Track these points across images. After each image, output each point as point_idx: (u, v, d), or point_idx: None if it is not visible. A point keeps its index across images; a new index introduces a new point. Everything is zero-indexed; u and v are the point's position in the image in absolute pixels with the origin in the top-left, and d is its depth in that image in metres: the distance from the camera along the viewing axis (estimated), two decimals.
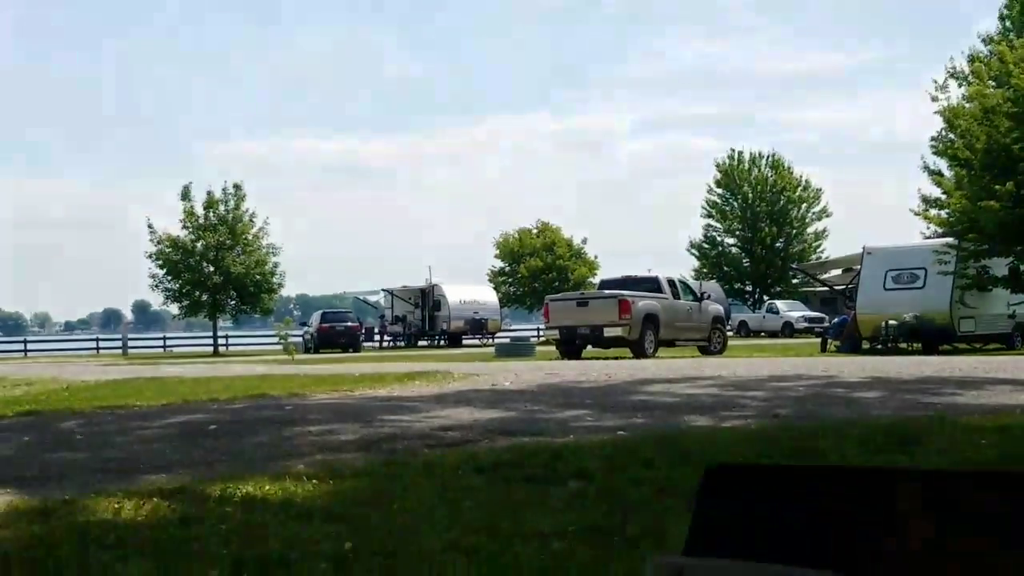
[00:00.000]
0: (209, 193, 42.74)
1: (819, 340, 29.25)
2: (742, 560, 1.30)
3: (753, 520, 1.33)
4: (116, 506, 4.81)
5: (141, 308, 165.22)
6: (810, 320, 45.25)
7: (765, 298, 55.01)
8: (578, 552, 3.83)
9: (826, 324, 36.12)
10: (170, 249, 42.10)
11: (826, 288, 36.43)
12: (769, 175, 57.56)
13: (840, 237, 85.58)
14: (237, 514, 4.63)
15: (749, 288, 57.97)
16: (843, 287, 30.56)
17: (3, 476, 6.07)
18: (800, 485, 1.36)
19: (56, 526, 4.44)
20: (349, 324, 42.74)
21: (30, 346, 54.38)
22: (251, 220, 42.99)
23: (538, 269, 55.04)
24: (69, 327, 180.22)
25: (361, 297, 60.85)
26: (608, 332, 22.93)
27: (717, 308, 26.48)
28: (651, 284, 24.95)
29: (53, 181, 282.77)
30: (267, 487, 5.24)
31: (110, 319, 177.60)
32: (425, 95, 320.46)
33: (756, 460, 5.79)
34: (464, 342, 46.85)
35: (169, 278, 42.62)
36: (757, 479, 1.41)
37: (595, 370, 15.85)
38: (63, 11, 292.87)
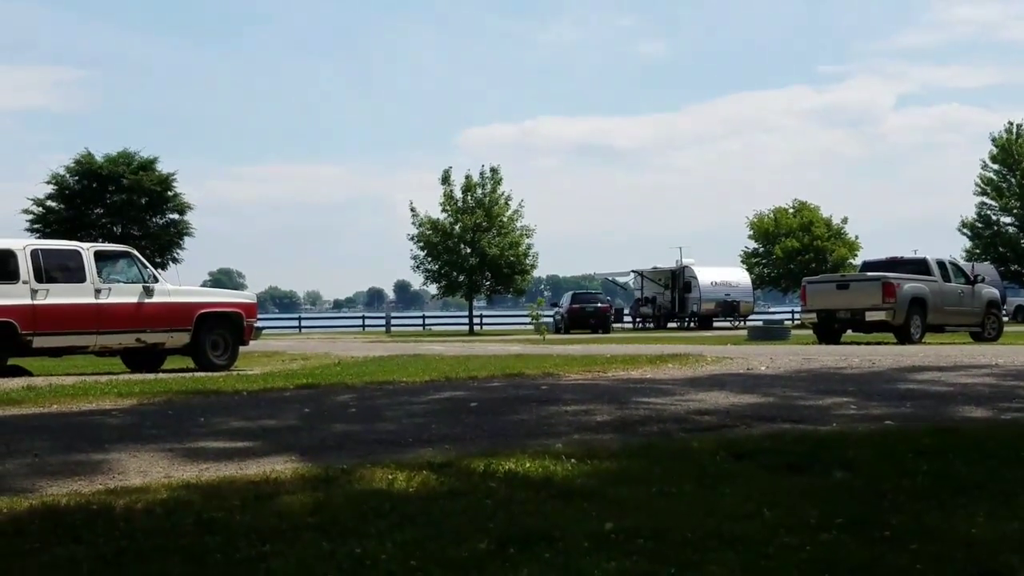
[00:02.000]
0: (467, 177, 44.16)
1: None
2: None
3: None
4: (390, 477, 5.07)
5: (402, 288, 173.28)
6: None
7: None
8: (846, 544, 3.69)
9: None
10: (430, 231, 43.83)
11: None
12: None
13: None
14: (501, 489, 4.77)
15: None
16: None
17: (289, 444, 6.54)
18: None
19: (336, 493, 4.74)
20: (599, 305, 43.05)
21: (304, 322, 58.46)
22: (506, 203, 44.07)
23: (794, 250, 53.25)
24: (337, 305, 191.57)
25: (611, 278, 61.13)
26: (870, 316, 21.89)
27: (992, 292, 24.70)
28: (919, 266, 23.57)
29: (323, 167, 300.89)
30: (528, 464, 5.37)
31: (374, 298, 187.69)
32: (675, 74, 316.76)
33: None
34: (715, 324, 46.11)
35: (429, 259, 44.41)
36: None
37: (856, 356, 15.19)
38: (329, 9, 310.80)
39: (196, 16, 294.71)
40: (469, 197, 43.94)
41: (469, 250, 43.63)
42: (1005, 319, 28.63)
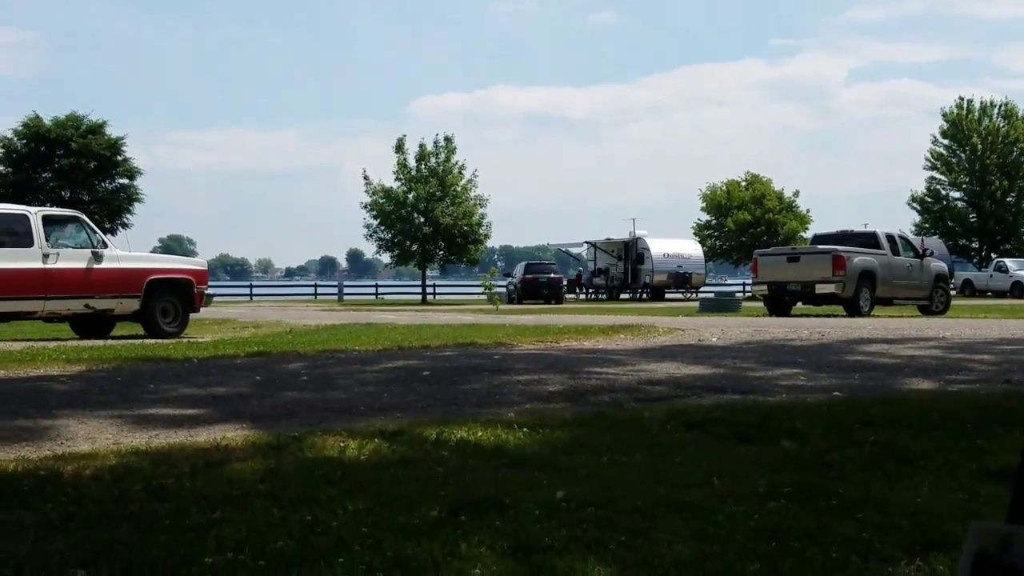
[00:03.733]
0: (421, 146, 43.92)
1: None
2: None
3: None
4: (341, 445, 5.06)
5: (355, 256, 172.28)
6: None
7: (993, 256, 51.70)
8: (794, 512, 3.74)
9: None
10: (383, 200, 43.59)
11: None
12: (1001, 125, 53.88)
13: None
14: (452, 458, 4.78)
15: (975, 245, 54.76)
16: None
17: (240, 412, 6.49)
18: None
19: (287, 461, 4.72)
20: (552, 275, 43.17)
21: (255, 290, 57.96)
22: (460, 172, 43.93)
23: (746, 223, 53.74)
24: (289, 273, 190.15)
25: (564, 249, 61.29)
26: (820, 289, 22.17)
27: (940, 265, 25.11)
28: (868, 239, 23.88)
29: (275, 134, 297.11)
30: (480, 433, 5.38)
31: (326, 266, 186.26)
32: (628, 45, 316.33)
33: (984, 427, 5.48)
34: (667, 296, 46.45)
35: (382, 228, 44.19)
36: None
37: (806, 328, 15.38)
38: None
39: None
40: (423, 166, 43.73)
41: (422, 219, 43.46)
42: (953, 293, 29.13)
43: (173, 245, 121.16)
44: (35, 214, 14.77)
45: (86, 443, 5.40)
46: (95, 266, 14.91)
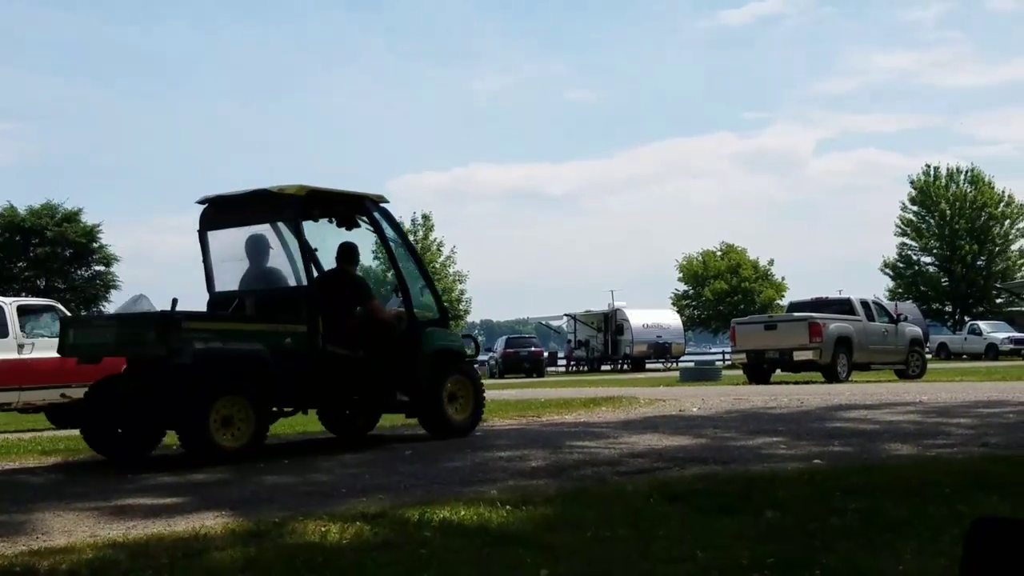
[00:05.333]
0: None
1: None
2: None
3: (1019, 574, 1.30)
4: (322, 529, 5.01)
5: None
6: (1016, 342, 42.54)
7: (966, 319, 52.18)
8: None
9: None
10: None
11: None
12: (968, 191, 54.80)
13: None
14: (435, 539, 4.74)
15: (948, 309, 55.24)
16: None
17: (219, 499, 6.41)
18: None
19: (267, 548, 4.67)
20: (533, 349, 43.18)
21: None
22: (439, 248, 44.20)
23: (723, 292, 54.15)
24: None
25: (544, 322, 61.43)
26: (798, 356, 22.29)
27: (915, 330, 25.31)
28: (843, 306, 24.10)
29: None
30: (462, 512, 5.35)
31: None
32: (604, 121, 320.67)
33: (963, 492, 5.50)
34: (647, 366, 46.50)
35: None
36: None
37: (785, 395, 15.42)
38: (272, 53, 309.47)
39: (121, 65, 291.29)
40: None
41: None
42: (928, 356, 29.31)
43: None
44: (10, 304, 14.71)
45: (62, 537, 5.32)
46: None
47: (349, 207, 9.92)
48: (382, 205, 9.97)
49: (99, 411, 8.81)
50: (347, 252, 9.75)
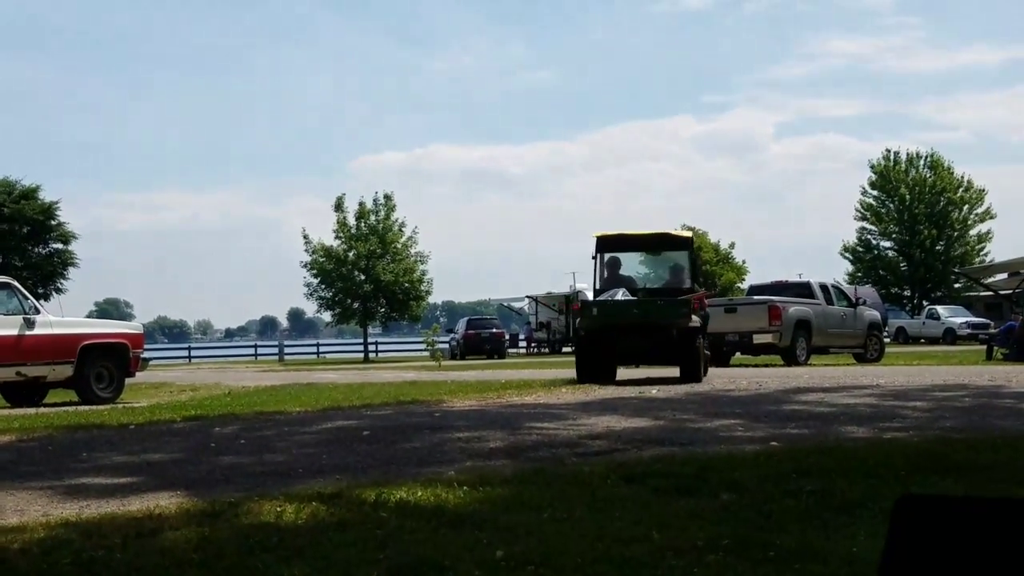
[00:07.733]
0: (361, 204, 43.90)
1: (984, 347, 27.87)
2: None
3: (945, 552, 1.29)
4: (278, 509, 4.98)
5: (296, 315, 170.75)
6: (974, 326, 43.13)
7: (924, 303, 52.83)
8: (732, 565, 3.76)
9: (992, 330, 34.39)
10: (324, 259, 43.40)
11: (991, 293, 34.73)
12: (928, 176, 55.35)
13: (1005, 239, 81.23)
14: (392, 519, 4.73)
15: (907, 293, 55.85)
16: (1010, 291, 29.08)
17: (175, 478, 6.37)
18: (994, 518, 1.31)
19: (222, 528, 4.63)
20: (494, 331, 43.18)
21: (194, 352, 57.13)
22: (400, 229, 43.95)
23: None
24: (229, 334, 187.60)
25: (506, 304, 61.41)
26: (758, 339, 22.47)
27: (873, 314, 25.57)
28: (803, 289, 24.30)
29: (212, 195, 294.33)
30: (419, 493, 5.34)
31: (267, 326, 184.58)
32: (564, 103, 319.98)
33: (918, 474, 5.57)
34: None
35: (323, 287, 43.95)
36: (949, 510, 1.36)
37: (744, 378, 15.54)
38: (218, 29, 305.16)
39: (76, 39, 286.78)
40: (363, 224, 43.68)
41: (363, 277, 43.29)
42: (886, 340, 29.64)
43: (110, 309, 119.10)
44: None
45: (14, 516, 5.25)
46: (27, 332, 14.62)
47: None
48: None
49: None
50: None
